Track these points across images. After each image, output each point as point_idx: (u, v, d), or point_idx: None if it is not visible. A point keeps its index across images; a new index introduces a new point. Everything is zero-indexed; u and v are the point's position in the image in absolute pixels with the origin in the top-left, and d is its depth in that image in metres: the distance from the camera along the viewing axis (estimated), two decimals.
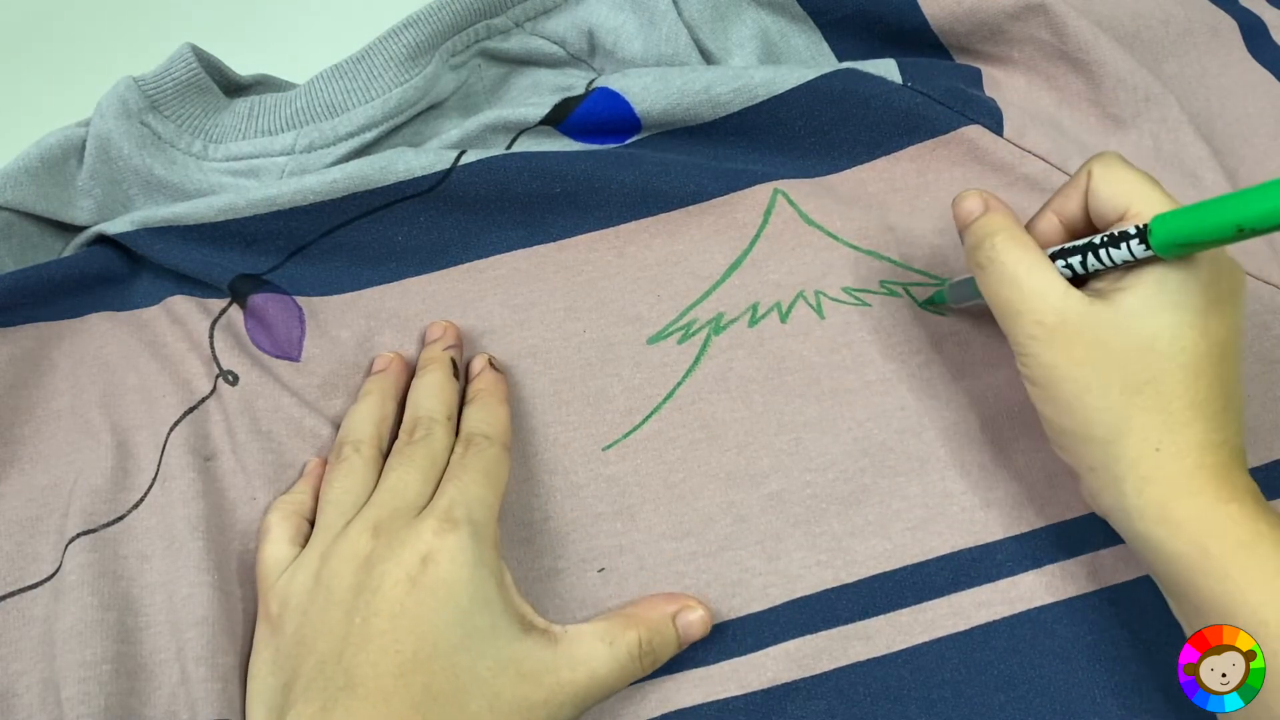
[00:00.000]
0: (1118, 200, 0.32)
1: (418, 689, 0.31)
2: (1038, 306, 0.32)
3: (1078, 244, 0.33)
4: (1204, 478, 0.31)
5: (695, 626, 0.36)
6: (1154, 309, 0.31)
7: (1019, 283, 0.33)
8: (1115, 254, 0.31)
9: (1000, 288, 0.33)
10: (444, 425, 0.37)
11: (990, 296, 0.34)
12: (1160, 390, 0.31)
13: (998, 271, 0.33)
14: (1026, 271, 0.33)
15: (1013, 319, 0.33)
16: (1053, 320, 0.32)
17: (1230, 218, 0.28)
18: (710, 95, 0.41)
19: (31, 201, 0.41)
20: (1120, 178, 0.33)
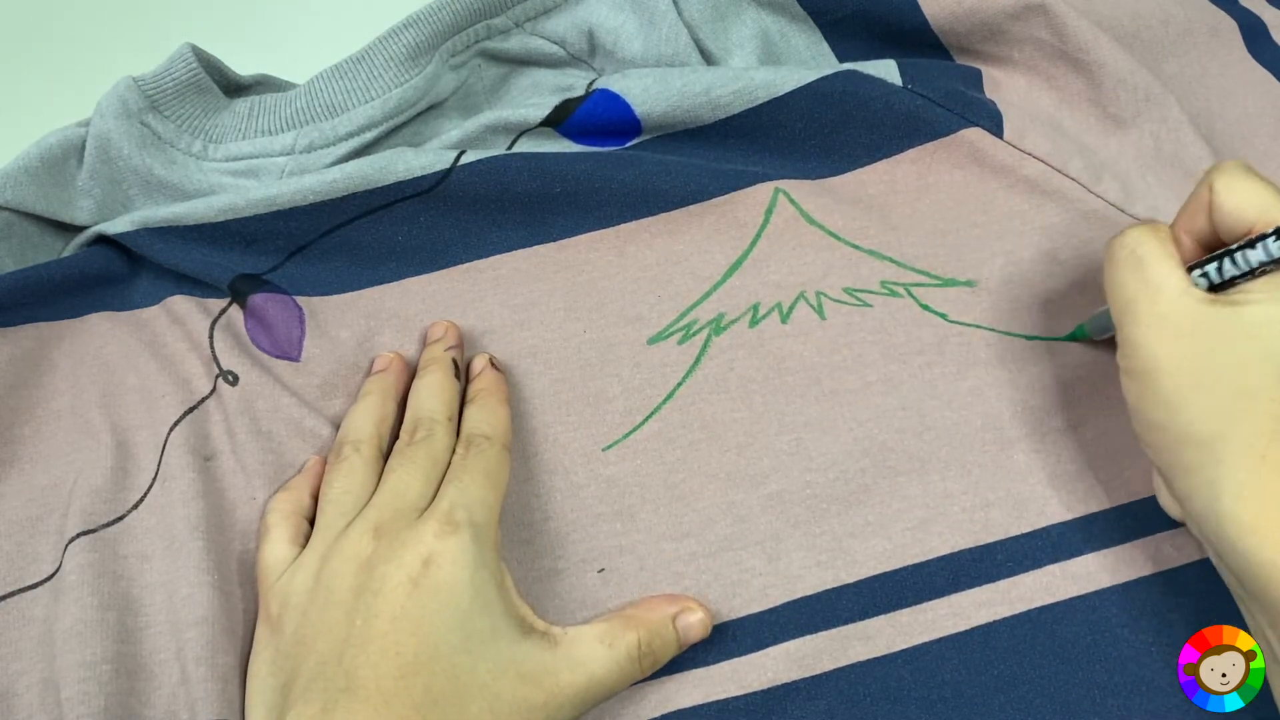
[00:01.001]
0: (1244, 211, 0.32)
1: (418, 691, 0.31)
2: (1157, 295, 0.31)
3: (1213, 254, 0.32)
4: None
5: (695, 628, 0.36)
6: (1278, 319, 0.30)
7: (1143, 269, 0.32)
8: (1251, 255, 0.31)
9: (1125, 273, 0.32)
10: (445, 426, 0.37)
11: (1112, 283, 0.33)
12: (1274, 399, 0.30)
13: (1125, 257, 0.32)
14: (1156, 262, 0.32)
15: (1131, 306, 0.32)
16: (1168, 310, 0.31)
17: None
18: (710, 97, 0.41)
19: (31, 201, 0.41)
20: (1243, 188, 0.32)
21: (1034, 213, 0.42)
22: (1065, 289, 0.41)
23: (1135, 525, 0.38)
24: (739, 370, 0.40)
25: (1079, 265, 0.42)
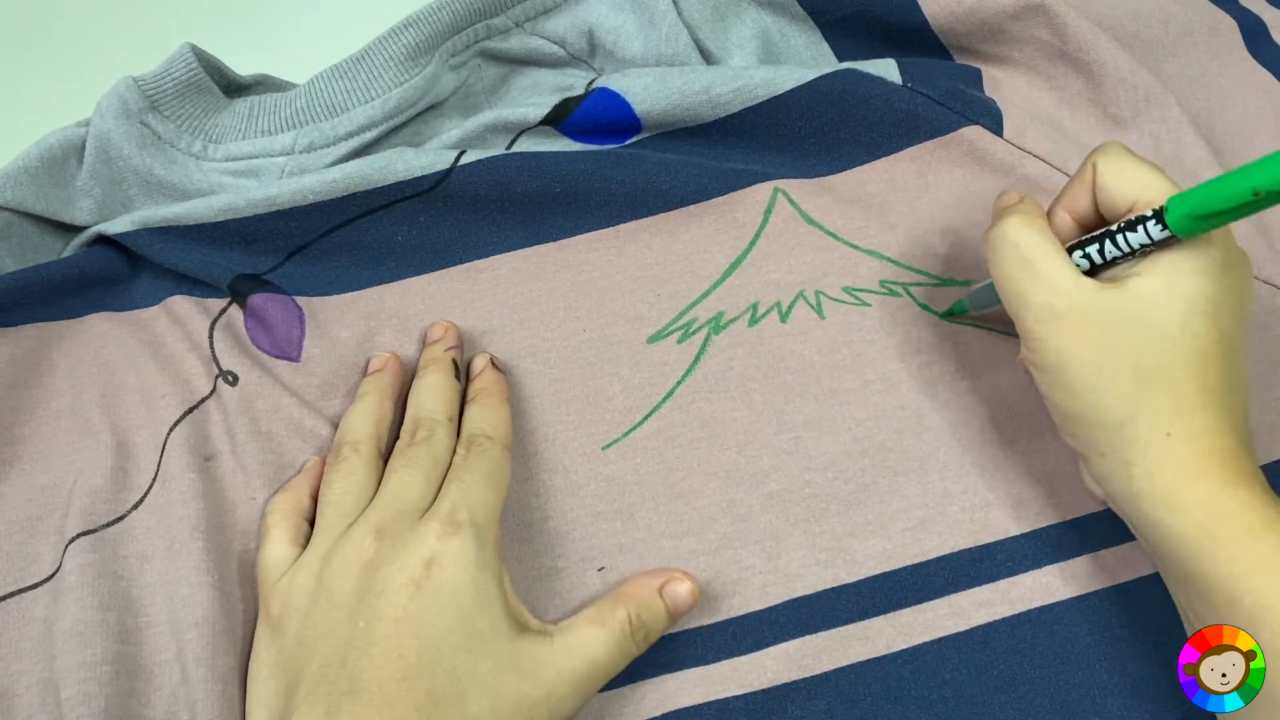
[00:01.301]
0: (1125, 191, 0.33)
1: (421, 693, 0.31)
2: (1048, 290, 0.32)
3: (1094, 234, 0.33)
4: (1213, 463, 0.31)
5: (683, 597, 0.36)
6: (1167, 296, 0.31)
7: (1031, 265, 0.33)
8: (1132, 238, 0.31)
9: (1011, 269, 0.33)
10: (445, 426, 0.37)
11: (1001, 281, 0.34)
12: (1172, 376, 0.31)
13: (1009, 252, 0.33)
14: (1042, 256, 0.33)
15: (1022, 303, 0.33)
16: (1063, 304, 0.32)
17: (1246, 183, 0.28)
18: (710, 95, 0.41)
19: (31, 201, 0.41)
20: (1125, 168, 0.33)
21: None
22: None
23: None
24: (738, 369, 0.40)
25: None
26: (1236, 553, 0.30)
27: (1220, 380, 0.31)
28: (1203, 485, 0.31)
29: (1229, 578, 0.30)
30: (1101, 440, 0.32)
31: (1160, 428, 0.31)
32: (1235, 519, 0.30)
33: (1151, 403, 0.31)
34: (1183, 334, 0.31)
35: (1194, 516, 0.31)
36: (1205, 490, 0.31)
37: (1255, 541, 0.30)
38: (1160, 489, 0.31)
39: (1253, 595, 0.30)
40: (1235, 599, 0.30)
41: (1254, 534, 0.30)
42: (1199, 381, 0.31)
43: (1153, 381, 0.31)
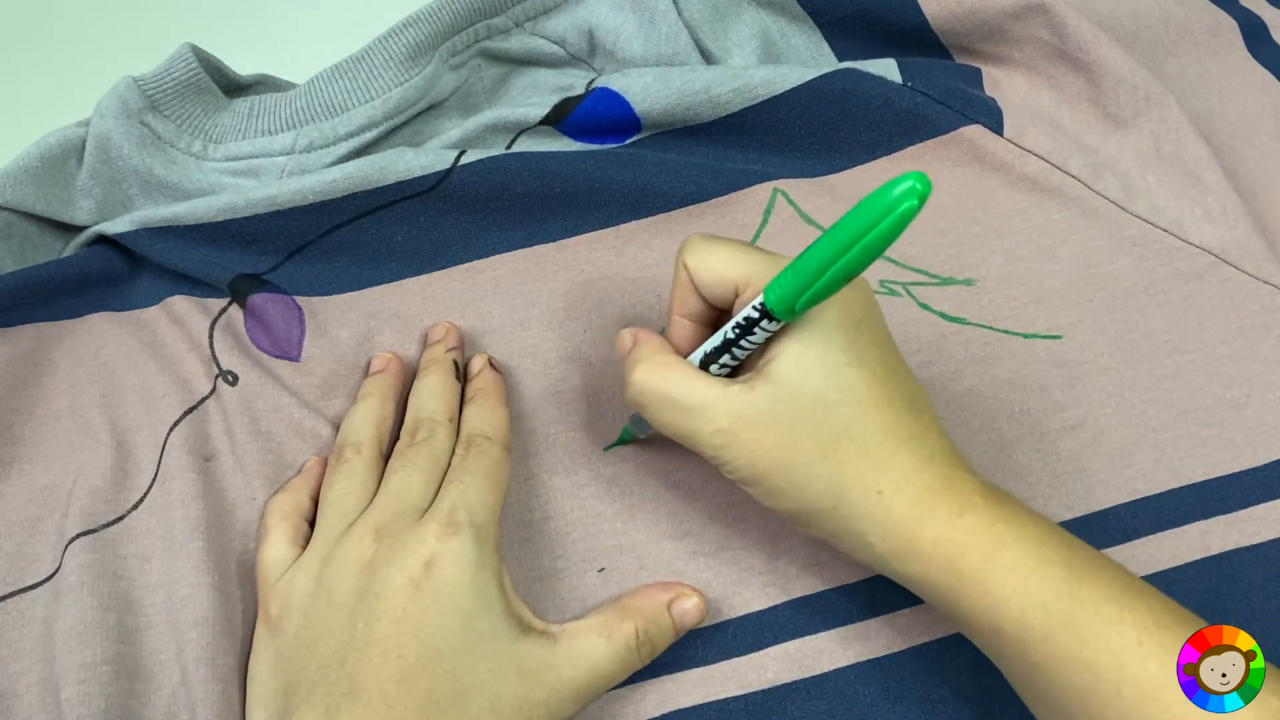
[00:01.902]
0: (723, 280, 0.32)
1: (420, 693, 0.31)
2: (707, 418, 0.32)
3: (716, 344, 0.32)
4: (932, 499, 0.31)
5: (690, 614, 0.36)
6: (807, 368, 0.31)
7: (679, 403, 0.32)
8: (754, 339, 0.31)
9: (666, 416, 0.33)
10: (446, 427, 0.37)
11: (663, 428, 0.33)
12: (853, 436, 0.31)
13: (655, 402, 0.33)
14: (682, 390, 0.32)
15: (692, 439, 0.32)
16: (727, 422, 0.31)
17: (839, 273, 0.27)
18: (710, 95, 0.41)
19: (31, 201, 0.41)
20: (713, 259, 0.33)
21: (1034, 210, 0.42)
22: (1064, 287, 0.41)
23: (1135, 525, 0.38)
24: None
25: (1078, 263, 0.42)
26: (983, 584, 0.30)
27: (898, 413, 0.31)
28: (932, 526, 0.31)
29: (986, 610, 0.30)
30: (826, 525, 0.32)
31: (869, 490, 0.31)
32: (970, 549, 0.30)
33: (851, 471, 0.31)
34: (840, 393, 0.31)
35: (936, 560, 0.31)
36: (936, 530, 0.31)
37: (993, 566, 0.30)
38: (897, 546, 0.31)
39: (1009, 619, 0.30)
40: (998, 627, 0.30)
41: (990, 559, 0.30)
42: (880, 429, 0.31)
43: (840, 451, 0.31)
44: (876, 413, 0.31)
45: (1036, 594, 0.30)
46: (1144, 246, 0.42)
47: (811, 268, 0.28)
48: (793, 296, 0.29)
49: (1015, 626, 0.30)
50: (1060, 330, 0.41)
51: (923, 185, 0.25)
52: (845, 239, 0.27)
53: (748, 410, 0.31)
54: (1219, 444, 0.39)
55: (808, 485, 0.31)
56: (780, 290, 0.29)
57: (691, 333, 0.34)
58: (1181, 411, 0.39)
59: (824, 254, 0.27)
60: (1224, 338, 0.40)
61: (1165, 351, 0.40)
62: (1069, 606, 0.29)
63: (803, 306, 0.29)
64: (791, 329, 0.31)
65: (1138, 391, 0.40)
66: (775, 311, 0.30)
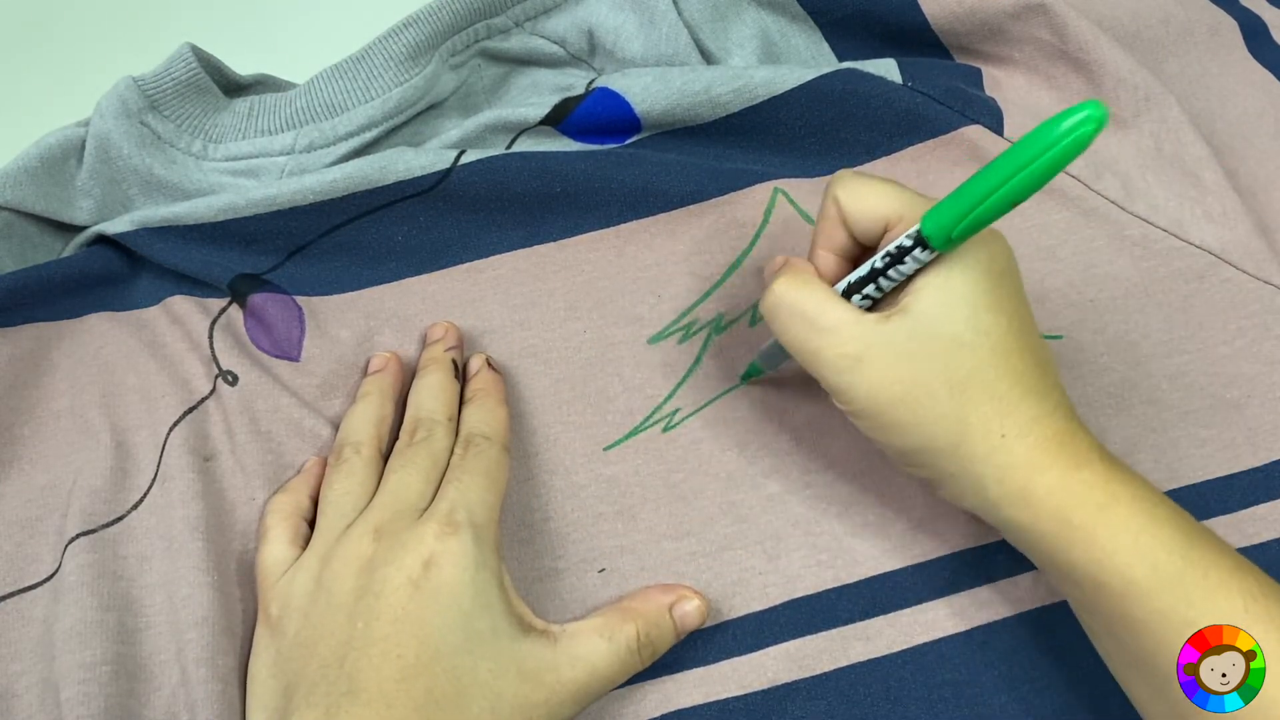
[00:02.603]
0: (874, 215, 0.33)
1: (420, 693, 0.31)
2: (837, 339, 0.32)
3: (862, 274, 0.32)
4: (1052, 450, 0.31)
5: (692, 616, 0.36)
6: (948, 306, 0.31)
7: (811, 320, 0.32)
8: (903, 269, 0.31)
9: (795, 331, 0.33)
10: (445, 426, 0.37)
11: (789, 344, 0.33)
12: (984, 380, 0.31)
13: (787, 314, 0.33)
14: (817, 308, 0.32)
15: (815, 358, 0.33)
16: (856, 349, 0.32)
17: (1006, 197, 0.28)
18: (710, 95, 0.41)
19: (31, 201, 0.41)
20: (865, 193, 0.33)
21: (1033, 210, 0.42)
22: (1064, 287, 0.41)
23: None
24: (739, 369, 0.40)
25: (1078, 263, 0.42)
26: (1094, 535, 0.30)
27: (1027, 365, 0.32)
28: (1049, 475, 0.31)
29: (1092, 562, 0.30)
30: (943, 464, 0.32)
31: (993, 433, 0.31)
32: (1084, 501, 0.31)
33: (977, 413, 0.31)
34: (976, 336, 0.31)
35: (1048, 509, 0.31)
36: (1052, 480, 0.31)
37: (1108, 520, 0.30)
38: (1012, 491, 0.31)
39: (1116, 572, 0.30)
40: (1102, 581, 0.30)
41: (1103, 512, 0.30)
42: (1010, 375, 0.31)
43: (968, 392, 0.31)
44: (1007, 360, 0.31)
45: (1147, 551, 0.30)
46: (1144, 246, 0.42)
47: (975, 195, 0.28)
48: (951, 223, 0.29)
49: (1120, 581, 0.30)
50: (1060, 330, 0.41)
51: (1099, 112, 0.25)
52: (1014, 164, 0.27)
53: (880, 339, 0.31)
54: (1219, 444, 0.39)
55: (932, 422, 0.32)
56: (939, 217, 0.29)
57: (835, 266, 0.34)
58: (1181, 412, 0.39)
59: (990, 180, 0.27)
60: (1224, 338, 0.40)
61: (1165, 352, 0.40)
62: (1178, 567, 0.30)
63: (960, 235, 0.29)
64: (936, 269, 0.31)
65: (1137, 392, 0.40)
66: (931, 239, 0.30)
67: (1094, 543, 0.30)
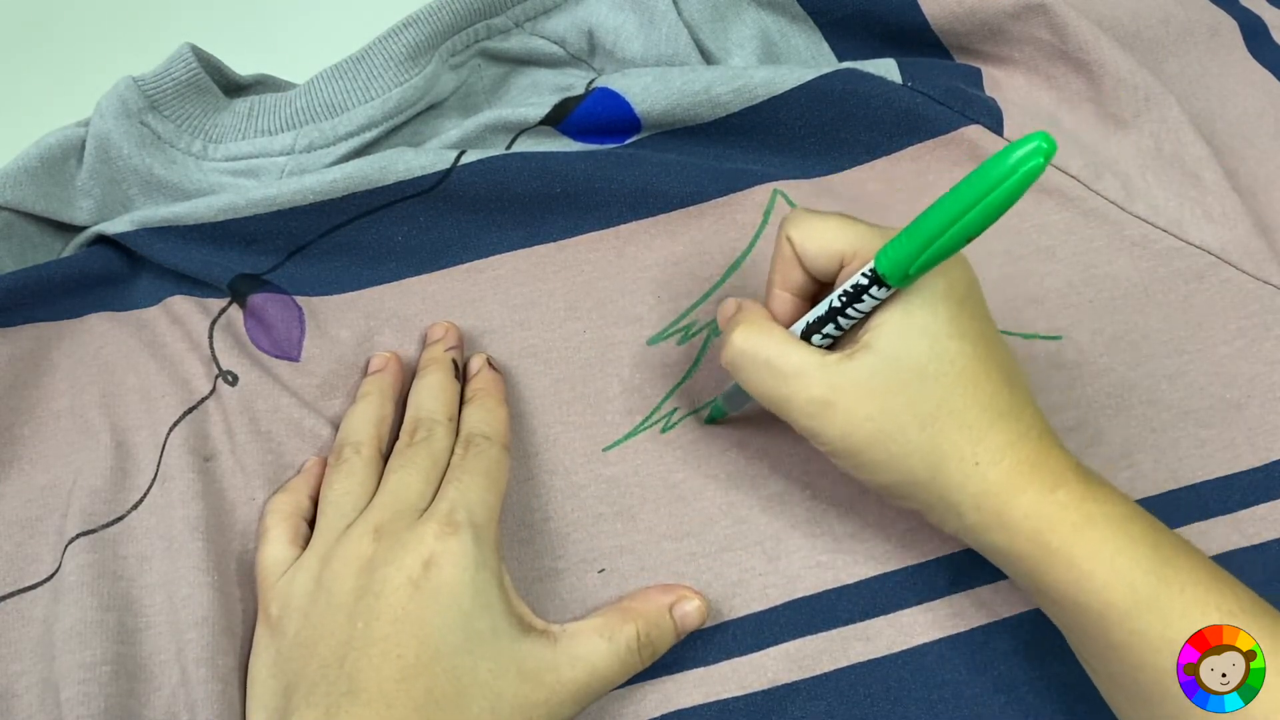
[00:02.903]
0: (829, 251, 0.33)
1: (420, 693, 0.31)
2: (803, 385, 0.32)
3: (820, 313, 0.32)
4: (1026, 473, 0.31)
5: (692, 616, 0.36)
6: (910, 340, 0.31)
7: (776, 368, 0.32)
8: (861, 306, 0.31)
9: (761, 380, 0.33)
10: (445, 426, 0.37)
11: (756, 393, 0.33)
12: (952, 409, 0.31)
13: (750, 364, 0.33)
14: (780, 354, 0.32)
15: (786, 405, 0.32)
16: (823, 392, 0.32)
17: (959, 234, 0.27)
18: (710, 95, 0.41)
19: (31, 201, 0.41)
20: (818, 230, 0.33)
21: (1033, 210, 0.42)
22: (1063, 287, 0.41)
23: None
24: None
25: (1077, 263, 0.42)
26: (1072, 557, 0.30)
27: (996, 388, 0.32)
28: (1024, 499, 0.31)
29: (1070, 584, 0.30)
30: (921, 496, 0.32)
31: (967, 460, 0.31)
32: (1060, 523, 0.31)
33: (949, 443, 0.31)
34: (941, 365, 0.31)
35: (1025, 533, 0.31)
36: (1027, 503, 0.31)
37: (1082, 541, 0.30)
38: (989, 516, 0.31)
39: (1094, 593, 0.30)
40: (1082, 603, 0.30)
41: (1079, 533, 0.30)
42: (979, 402, 0.31)
43: (938, 423, 0.31)
44: (975, 386, 0.31)
45: (1124, 572, 0.30)
46: (1144, 247, 0.42)
47: (928, 231, 0.28)
48: (907, 261, 0.29)
49: (1099, 603, 0.30)
50: (1059, 331, 0.41)
51: (1048, 145, 0.25)
52: (966, 201, 0.26)
53: (846, 380, 0.31)
54: (1219, 444, 0.39)
55: (905, 457, 0.31)
56: (894, 254, 0.29)
57: (792, 306, 0.34)
58: (1181, 412, 0.39)
59: (942, 216, 0.27)
60: (1224, 338, 0.40)
61: (1165, 352, 0.40)
62: (1155, 586, 0.30)
63: (917, 271, 0.29)
64: (895, 302, 0.31)
65: (1137, 392, 0.40)
66: (887, 276, 0.30)
67: (1071, 565, 0.30)
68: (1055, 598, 0.31)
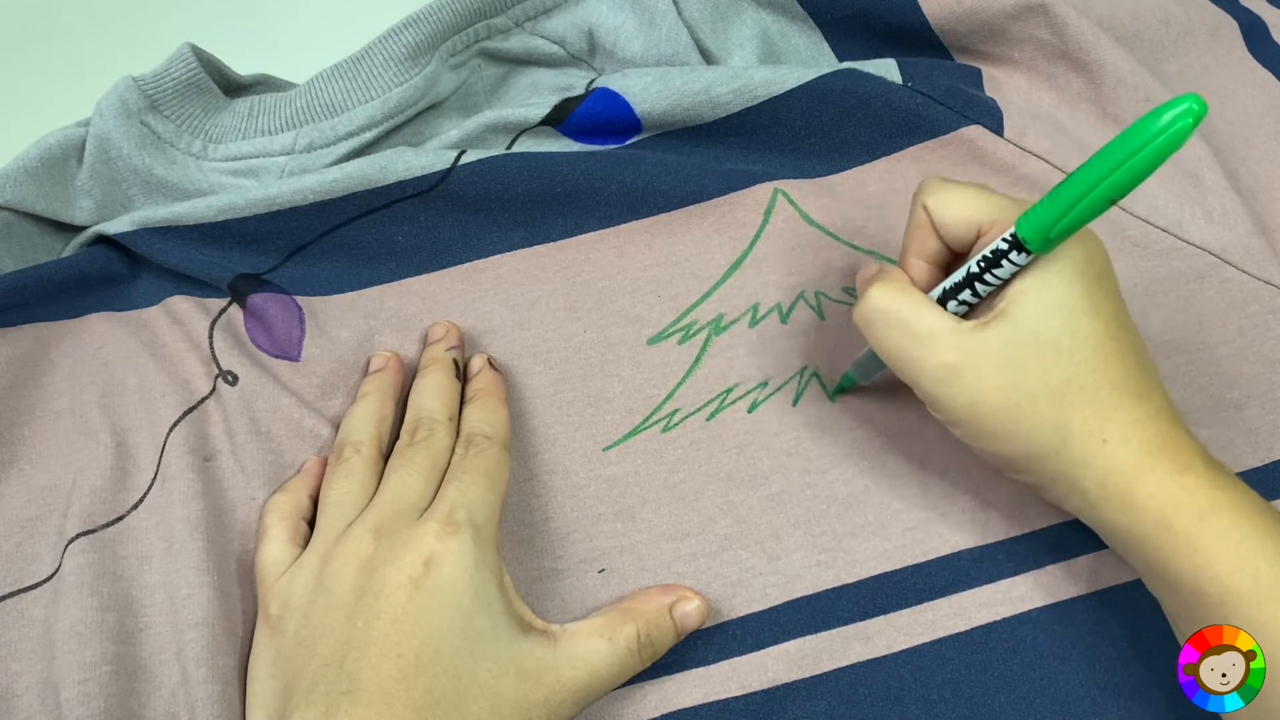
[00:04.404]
0: (966, 220, 0.33)
1: (419, 692, 0.31)
2: (936, 349, 0.32)
3: (957, 279, 0.32)
4: (1154, 454, 0.31)
5: (692, 617, 0.36)
6: (1046, 311, 0.31)
7: (909, 328, 0.32)
8: (999, 272, 0.31)
9: (893, 340, 0.33)
10: (445, 426, 0.37)
11: (886, 353, 0.33)
12: (1083, 384, 0.31)
13: (884, 323, 0.33)
14: (914, 316, 0.32)
15: (914, 368, 0.33)
16: (955, 357, 0.32)
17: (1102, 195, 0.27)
18: (710, 96, 0.41)
19: (31, 201, 0.41)
20: (954, 199, 0.33)
21: None
22: None
23: None
24: (739, 370, 0.40)
25: None
26: (1195, 541, 0.30)
27: (1126, 368, 0.32)
28: (1150, 479, 0.31)
29: (1191, 569, 0.30)
30: (1045, 469, 0.32)
31: (1094, 437, 0.31)
32: (1186, 507, 0.30)
33: (1077, 418, 0.31)
34: (1074, 340, 0.31)
35: (1149, 513, 0.31)
36: (1154, 484, 0.31)
37: (1209, 526, 0.30)
38: (1113, 495, 0.31)
39: (1216, 580, 0.30)
40: (1200, 588, 0.30)
41: (1205, 519, 0.30)
42: (1109, 379, 0.31)
43: (1068, 397, 0.31)
44: (1107, 364, 0.31)
45: (1247, 560, 0.30)
46: (1144, 246, 0.42)
47: (1072, 193, 0.28)
48: (1048, 224, 0.29)
49: (1219, 589, 0.30)
50: None
51: (1199, 106, 0.25)
52: (1112, 161, 0.27)
53: (979, 347, 0.31)
54: (1219, 444, 0.39)
55: (1033, 428, 0.31)
56: (1036, 218, 0.29)
57: (927, 274, 0.34)
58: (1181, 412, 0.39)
59: (1088, 178, 0.27)
60: (1224, 338, 0.40)
61: (1165, 352, 0.40)
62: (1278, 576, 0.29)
63: (1058, 235, 0.29)
64: (1032, 274, 0.31)
65: None
66: (1028, 241, 0.30)
67: (1194, 550, 0.30)
68: (1171, 581, 0.31)
